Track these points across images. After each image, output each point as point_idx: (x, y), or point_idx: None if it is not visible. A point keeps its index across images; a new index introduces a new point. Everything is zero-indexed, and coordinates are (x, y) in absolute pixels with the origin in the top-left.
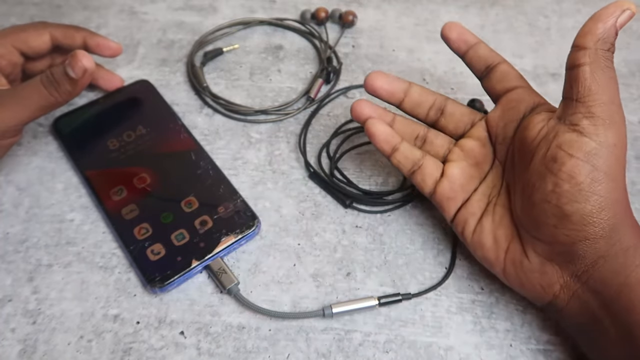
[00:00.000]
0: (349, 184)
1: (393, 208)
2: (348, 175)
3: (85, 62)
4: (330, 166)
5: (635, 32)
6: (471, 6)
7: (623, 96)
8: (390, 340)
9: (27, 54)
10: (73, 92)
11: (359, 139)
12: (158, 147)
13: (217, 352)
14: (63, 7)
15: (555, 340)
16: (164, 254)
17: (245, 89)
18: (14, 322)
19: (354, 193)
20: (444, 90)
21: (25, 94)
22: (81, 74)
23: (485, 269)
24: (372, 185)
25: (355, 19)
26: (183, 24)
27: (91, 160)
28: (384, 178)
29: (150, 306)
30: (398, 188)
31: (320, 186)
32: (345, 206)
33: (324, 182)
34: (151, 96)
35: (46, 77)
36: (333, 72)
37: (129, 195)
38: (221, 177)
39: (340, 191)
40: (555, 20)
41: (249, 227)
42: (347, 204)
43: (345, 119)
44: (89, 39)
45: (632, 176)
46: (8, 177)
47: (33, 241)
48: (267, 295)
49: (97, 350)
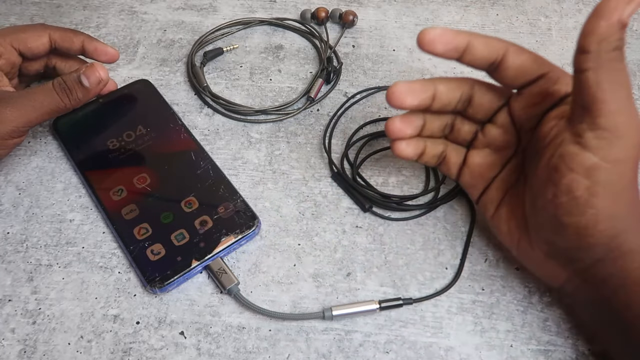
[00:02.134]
0: (369, 188)
1: (419, 215)
2: (366, 178)
3: (102, 73)
4: (352, 171)
5: (635, 32)
6: (471, 6)
7: None
8: (390, 340)
9: (25, 54)
10: (83, 99)
11: (378, 143)
12: (158, 147)
13: (217, 353)
14: (63, 6)
15: (556, 340)
16: (164, 254)
17: (245, 89)
18: (13, 322)
19: (375, 197)
20: None
21: (36, 97)
22: (95, 84)
23: (485, 269)
24: (391, 189)
25: (356, 19)
26: (183, 24)
27: (91, 160)
28: (405, 180)
29: (150, 306)
30: (421, 192)
31: (341, 187)
32: (364, 210)
33: (345, 183)
34: (151, 96)
35: (58, 83)
36: (333, 72)
37: (129, 195)
38: (221, 177)
39: (361, 194)
40: (556, 20)
41: (249, 227)
42: (367, 207)
43: (364, 120)
44: (87, 43)
45: None
46: (8, 177)
47: (33, 241)
48: (267, 295)
49: (97, 351)
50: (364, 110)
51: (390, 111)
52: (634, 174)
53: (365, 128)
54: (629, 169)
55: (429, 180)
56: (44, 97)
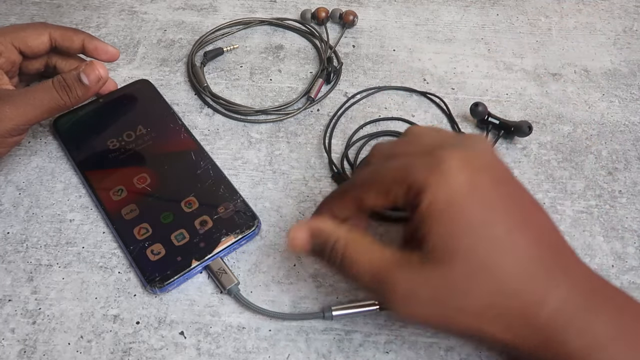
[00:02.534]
0: None
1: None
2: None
3: (102, 71)
4: (352, 171)
5: (635, 32)
6: (472, 6)
7: (624, 96)
8: (390, 340)
9: (25, 53)
10: (83, 97)
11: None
12: (158, 147)
13: (217, 353)
14: (63, 6)
15: None
16: (164, 254)
17: (246, 88)
18: (13, 322)
19: None
20: (445, 90)
21: (36, 95)
22: (95, 82)
23: None
24: None
25: (356, 19)
26: (183, 24)
27: (91, 160)
28: None
29: (150, 306)
30: None
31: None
32: None
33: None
34: (151, 96)
35: (58, 81)
36: (333, 72)
37: (129, 195)
38: (221, 177)
39: None
40: (556, 20)
41: (249, 227)
42: None
43: (364, 120)
44: (87, 42)
45: (634, 176)
46: (8, 177)
47: (33, 241)
48: (267, 295)
49: (97, 351)
50: (364, 110)
51: (390, 111)
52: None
53: (365, 128)
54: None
55: None
56: (44, 95)
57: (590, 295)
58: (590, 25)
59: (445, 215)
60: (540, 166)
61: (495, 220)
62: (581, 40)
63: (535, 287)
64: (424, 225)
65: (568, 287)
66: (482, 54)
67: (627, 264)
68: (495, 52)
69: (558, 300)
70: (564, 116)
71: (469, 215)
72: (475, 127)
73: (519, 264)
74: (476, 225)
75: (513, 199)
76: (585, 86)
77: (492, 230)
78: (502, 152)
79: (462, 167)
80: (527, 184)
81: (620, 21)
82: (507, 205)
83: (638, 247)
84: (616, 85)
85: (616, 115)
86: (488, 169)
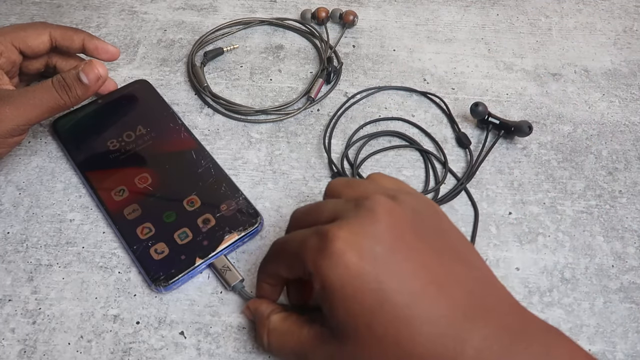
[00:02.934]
0: None
1: None
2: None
3: (101, 70)
4: (352, 171)
5: (635, 32)
6: (472, 6)
7: (624, 96)
8: None
9: (25, 52)
10: (82, 97)
11: (378, 143)
12: (158, 147)
13: (217, 353)
14: (63, 6)
15: None
16: (168, 253)
17: (246, 88)
18: (13, 322)
19: None
20: (445, 90)
21: (35, 95)
22: (94, 81)
23: None
24: None
25: (356, 19)
26: (183, 24)
27: (91, 161)
28: (406, 180)
29: (150, 306)
30: (421, 192)
31: None
32: None
33: None
34: (150, 96)
35: (57, 80)
36: (333, 72)
37: (131, 196)
38: (222, 175)
39: None
40: (557, 20)
41: (251, 225)
42: None
43: (364, 120)
44: (87, 41)
45: (634, 176)
46: (8, 176)
47: (33, 241)
48: None
49: (97, 351)
50: (364, 110)
51: (390, 111)
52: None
53: (365, 128)
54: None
55: (429, 181)
56: (43, 95)
57: (516, 336)
58: (591, 25)
59: (338, 296)
60: (541, 166)
61: (394, 288)
62: (581, 40)
63: (447, 342)
64: (323, 305)
65: (489, 331)
66: (482, 54)
67: (627, 264)
68: (495, 52)
69: (476, 348)
70: (564, 116)
71: (362, 295)
72: (476, 127)
73: (425, 324)
74: (372, 302)
75: (418, 253)
76: (586, 86)
77: (391, 300)
78: (503, 152)
79: (349, 246)
80: (527, 184)
81: (621, 21)
82: (409, 266)
83: (638, 247)
84: (616, 85)
85: (616, 115)
86: (384, 234)
